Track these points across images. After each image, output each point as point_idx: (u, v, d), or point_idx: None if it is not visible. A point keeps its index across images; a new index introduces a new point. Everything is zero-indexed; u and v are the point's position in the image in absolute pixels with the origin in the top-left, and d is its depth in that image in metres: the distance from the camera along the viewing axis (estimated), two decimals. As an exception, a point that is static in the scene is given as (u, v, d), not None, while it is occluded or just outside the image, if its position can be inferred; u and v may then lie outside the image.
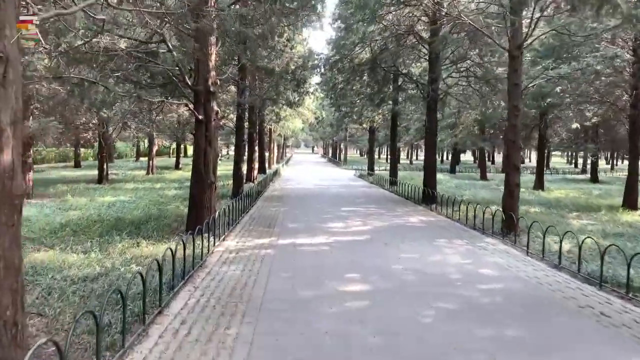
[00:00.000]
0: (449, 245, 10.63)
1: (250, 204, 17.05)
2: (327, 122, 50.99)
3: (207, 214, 11.75)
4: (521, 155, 40.87)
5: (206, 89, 11.69)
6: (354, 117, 34.07)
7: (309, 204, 18.21)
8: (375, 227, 12.91)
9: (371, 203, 18.97)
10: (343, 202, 18.89)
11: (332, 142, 76.56)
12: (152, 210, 15.92)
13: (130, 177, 30.43)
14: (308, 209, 16.47)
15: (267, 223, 13.25)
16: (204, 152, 11.78)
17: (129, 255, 9.13)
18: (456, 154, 44.21)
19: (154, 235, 11.16)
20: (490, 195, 22.83)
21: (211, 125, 11.82)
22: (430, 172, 19.76)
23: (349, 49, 20.63)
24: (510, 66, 12.23)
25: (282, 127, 39.13)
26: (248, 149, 27.21)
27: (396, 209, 17.04)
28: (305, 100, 30.51)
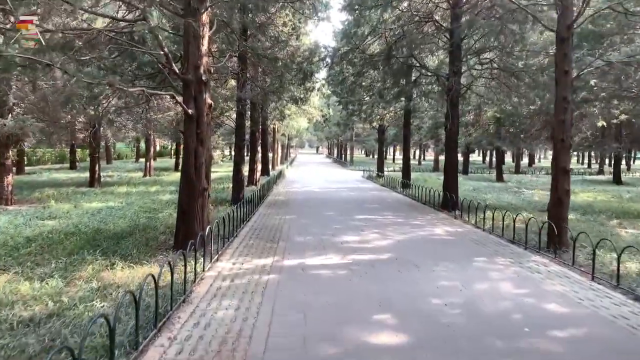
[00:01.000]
0: (492, 266, 8.70)
1: (252, 211, 15.17)
2: (333, 121, 49.03)
3: (198, 226, 9.88)
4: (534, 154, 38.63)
5: (197, 77, 9.82)
6: (362, 115, 32.13)
7: (317, 210, 16.31)
8: (396, 241, 10.98)
9: (386, 209, 17.04)
10: (355, 209, 16.98)
11: (338, 142, 74.59)
12: (141, 218, 14.08)
13: (125, 180, 28.61)
14: (316, 218, 14.56)
15: (271, 236, 11.35)
16: (195, 153, 9.89)
17: (97, 284, 7.26)
18: (467, 154, 42.17)
19: (134, 253, 9.30)
20: (515, 199, 20.86)
21: (203, 121, 9.94)
22: (452, 174, 17.81)
23: (360, 39, 18.72)
24: (558, 50, 10.28)
25: (287, 126, 37.21)
26: (250, 150, 25.33)
27: (415, 217, 15.11)
28: (311, 98, 28.61)
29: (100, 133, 24.59)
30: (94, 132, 24.04)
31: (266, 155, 32.62)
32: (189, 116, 9.81)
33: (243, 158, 17.72)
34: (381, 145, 33.55)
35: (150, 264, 8.50)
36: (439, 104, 22.39)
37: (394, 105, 28.00)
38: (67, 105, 12.54)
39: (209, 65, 10.20)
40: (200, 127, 9.91)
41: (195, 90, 9.86)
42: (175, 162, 40.06)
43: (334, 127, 55.80)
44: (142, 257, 9.03)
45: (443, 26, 17.65)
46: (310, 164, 61.34)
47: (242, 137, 17.43)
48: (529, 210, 17.44)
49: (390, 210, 16.66)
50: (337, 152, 76.87)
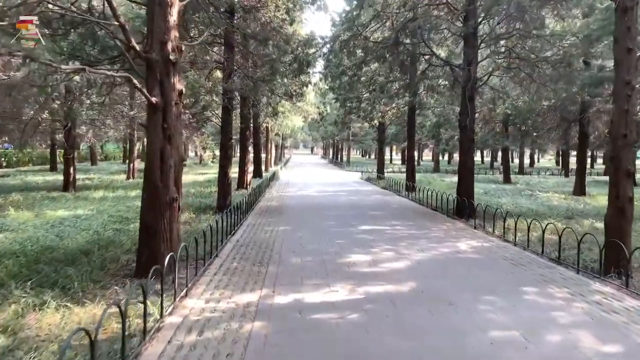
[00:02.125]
0: (549, 301, 6.58)
1: (239, 220, 13.01)
2: (330, 120, 46.88)
3: (166, 247, 7.72)
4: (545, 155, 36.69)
5: (164, 57, 7.66)
6: (361, 113, 30.04)
7: (314, 219, 14.16)
8: (416, 262, 8.85)
9: (393, 217, 14.92)
10: (358, 216, 14.85)
11: (334, 142, 72.45)
12: (107, 231, 11.91)
13: (105, 183, 26.34)
14: (314, 229, 12.41)
15: (259, 256, 9.17)
16: (161, 154, 7.72)
17: (8, 340, 5.10)
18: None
19: (82, 282, 7.11)
20: (534, 204, 18.77)
21: (171, 112, 7.78)
22: (467, 178, 15.72)
23: (363, 25, 16.60)
24: (619, 24, 8.20)
25: (280, 125, 35.04)
26: (240, 150, 23.17)
27: (429, 227, 13.00)
28: (306, 94, 26.50)
29: (74, 132, 22.29)
30: (67, 130, 21.81)
31: (258, 156, 30.44)
32: (153, 106, 7.64)
33: (230, 159, 15.54)
34: (381, 145, 31.48)
35: (96, 302, 6.32)
36: (449, 99, 20.31)
37: (396, 102, 25.95)
38: (10, 95, 10.31)
39: (180, 43, 8.03)
40: (168, 120, 7.74)
41: (161, 72, 7.70)
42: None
43: (330, 126, 53.70)
44: (90, 290, 6.87)
45: (457, 9, 15.56)
46: (305, 165, 59.14)
47: (228, 135, 15.25)
48: (554, 217, 15.38)
49: (399, 219, 14.53)
50: (333, 153, 74.76)
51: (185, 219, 13.93)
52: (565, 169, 40.65)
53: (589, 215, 16.05)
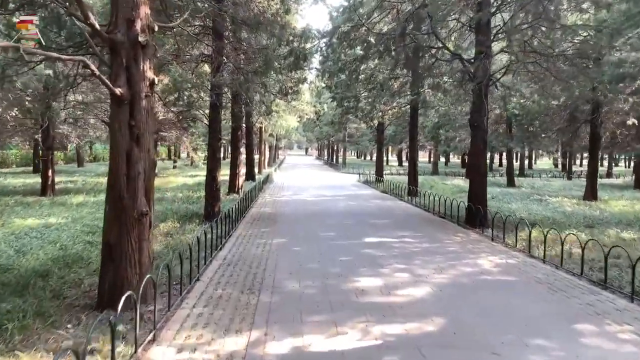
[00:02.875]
0: (616, 347, 5.18)
1: (229, 231, 11.54)
2: (325, 120, 45.46)
3: (133, 273, 6.28)
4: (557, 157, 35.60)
5: (131, 38, 6.21)
6: (358, 113, 28.65)
7: (312, 229, 12.71)
8: (436, 286, 7.42)
9: (399, 226, 13.50)
10: (360, 226, 13.42)
11: (329, 143, 71.03)
12: (76, 244, 10.44)
13: (87, 187, 24.75)
14: (313, 242, 10.96)
15: (249, 280, 7.70)
16: (127, 158, 6.26)
17: None
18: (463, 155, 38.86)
19: (23, 320, 5.64)
20: (547, 210, 17.42)
21: (140, 106, 6.32)
22: (479, 182, 14.33)
23: (365, 15, 15.20)
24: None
25: (274, 125, 33.57)
26: (231, 151, 21.70)
27: (441, 239, 11.60)
28: (302, 92, 25.08)
29: (53, 132, 20.72)
30: (44, 130, 20.25)
31: (251, 158, 28.96)
32: (118, 98, 6.18)
33: (219, 162, 14.06)
34: (380, 147, 30.07)
35: (40, 348, 4.85)
36: (455, 97, 18.91)
37: (397, 101, 24.57)
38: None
39: (152, 22, 6.56)
40: (136, 116, 6.28)
41: (128, 57, 6.25)
42: (151, 165, 36.11)
43: (325, 126, 52.31)
44: (35, 330, 5.41)
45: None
46: (300, 167, 57.70)
47: (217, 136, 13.77)
48: (573, 225, 14.04)
49: (405, 228, 13.11)
50: (328, 154, 73.32)
51: (167, 229, 12.46)
52: (568, 172, 39.49)
53: (610, 223, 14.75)
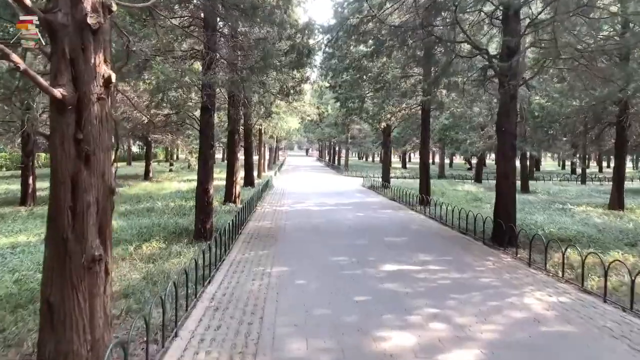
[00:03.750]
0: None
1: (220, 256, 9.82)
2: (327, 122, 43.76)
3: (81, 342, 4.60)
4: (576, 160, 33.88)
5: (77, 20, 4.50)
6: (363, 114, 26.92)
7: (318, 253, 10.95)
8: (486, 344, 5.69)
9: (419, 245, 11.78)
10: (374, 246, 11.69)
11: (330, 145, 69.24)
12: (37, 277, 8.69)
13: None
14: (320, 272, 9.21)
15: (241, 337, 5.92)
16: (73, 185, 4.54)
17: None
18: (481, 160, 37.11)
19: None
20: (576, 223, 15.64)
21: (91, 115, 4.59)
22: (508, 194, 12.59)
23: (375, 5, 13.47)
24: None
25: (275, 127, 31.84)
26: (228, 156, 19.98)
27: (471, 263, 9.90)
28: (304, 92, 23.35)
29: (33, 136, 18.98)
30: (25, 134, 18.51)
31: (250, 162, 27.22)
32: (58, 102, 4.46)
33: (211, 171, 12.32)
34: (387, 150, 28.32)
35: None
36: (472, 97, 17.17)
37: (407, 102, 22.86)
38: None
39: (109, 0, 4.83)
40: (85, 126, 4.55)
41: (73, 45, 4.53)
42: (145, 170, 34.41)
43: (327, 128, 50.60)
44: None
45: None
46: (301, 169, 55.95)
47: (208, 141, 12.03)
48: (613, 244, 12.31)
49: (427, 249, 11.37)
50: (330, 156, 71.54)
51: (151, 251, 10.75)
52: (582, 176, 37.79)
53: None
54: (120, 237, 12.03)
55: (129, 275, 8.99)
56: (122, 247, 11.09)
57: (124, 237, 12.09)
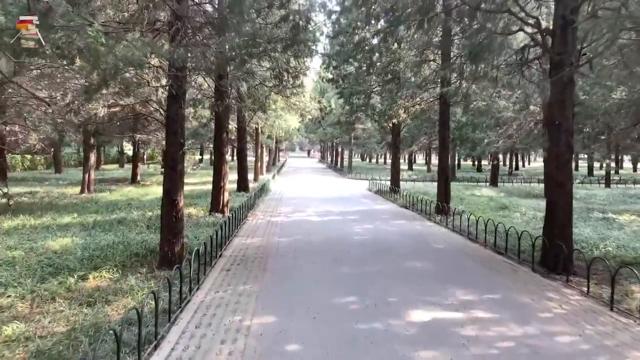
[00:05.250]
0: None
1: (182, 298, 7.07)
2: (330, 120, 40.89)
3: None
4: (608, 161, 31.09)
5: None
6: (369, 111, 24.20)
7: (319, 290, 8.16)
8: None
9: (450, 274, 9.00)
10: (393, 278, 8.91)
11: (333, 145, 66.39)
12: None
13: (45, 201, 20.28)
14: (323, 327, 6.42)
15: None
16: None
17: None
18: (497, 162, 34.23)
19: None
20: (633, 238, 12.85)
21: None
22: (563, 206, 9.79)
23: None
24: None
25: (272, 126, 29.06)
26: (214, 158, 17.23)
27: (530, 306, 7.14)
28: (303, 84, 20.63)
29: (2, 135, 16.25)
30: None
31: (244, 165, 24.44)
32: None
33: (180, 177, 9.53)
34: (396, 150, 25.49)
35: None
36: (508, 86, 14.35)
37: (420, 95, 20.12)
38: None
39: None
40: None
41: None
42: (132, 172, 31.66)
43: (329, 128, 47.82)
44: None
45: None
46: (301, 171, 53.12)
47: (177, 139, 9.26)
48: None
49: (462, 281, 8.59)
50: (332, 157, 68.69)
51: (97, 285, 8.02)
52: (606, 178, 35.01)
53: None
54: (63, 263, 9.28)
55: (49, 328, 6.29)
56: (60, 278, 8.36)
57: (69, 262, 9.34)
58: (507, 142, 26.57)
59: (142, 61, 7.31)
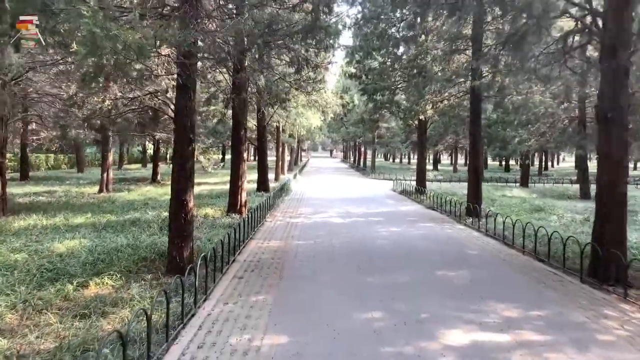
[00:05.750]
0: None
1: (186, 312, 6.28)
2: (352, 119, 39.95)
3: None
4: None
5: None
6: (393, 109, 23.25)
7: (341, 304, 7.25)
8: None
9: (491, 289, 8.00)
10: (425, 291, 7.95)
11: (355, 145, 65.34)
12: None
13: (63, 200, 19.91)
14: (344, 354, 5.57)
15: None
16: None
17: None
18: (527, 162, 32.73)
19: None
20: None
21: None
22: (615, 212, 8.69)
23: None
24: None
25: (293, 124, 28.27)
26: (232, 157, 16.50)
27: (587, 327, 6.13)
28: (324, 81, 19.80)
29: (3, 132, 15.80)
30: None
31: (265, 164, 23.69)
32: None
33: (189, 176, 8.74)
34: (422, 149, 24.41)
35: None
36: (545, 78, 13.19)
37: (448, 91, 19.05)
38: None
39: None
40: None
41: None
42: (153, 171, 31.29)
43: (352, 127, 46.85)
44: None
45: None
46: (323, 171, 52.27)
47: (187, 134, 8.48)
48: None
49: (504, 293, 7.59)
50: (355, 157, 67.63)
51: (97, 293, 7.31)
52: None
53: None
54: (65, 267, 8.61)
55: (35, 345, 5.56)
56: (58, 285, 7.67)
57: (71, 267, 8.66)
58: (539, 140, 25.22)
59: (143, 45, 6.55)
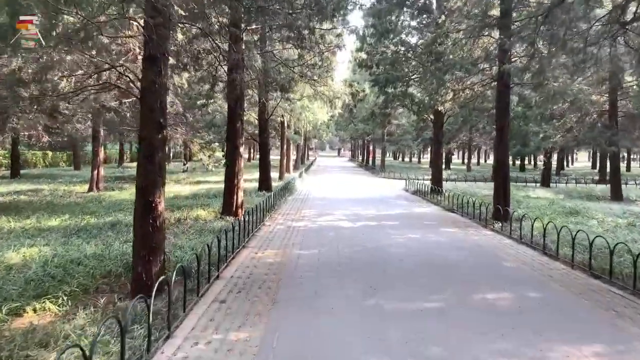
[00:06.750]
0: None
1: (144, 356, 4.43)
2: (360, 115, 37.99)
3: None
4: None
5: None
6: (407, 102, 21.45)
7: (354, 349, 5.45)
8: None
9: (548, 320, 6.09)
10: (465, 326, 6.04)
11: (364, 143, 63.34)
12: None
13: (47, 199, 18.23)
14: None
15: None
16: None
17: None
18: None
19: None
20: None
21: None
22: None
23: None
24: None
25: (298, 119, 26.41)
26: (227, 153, 14.68)
27: None
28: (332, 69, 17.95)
29: None
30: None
31: (267, 161, 21.86)
32: None
33: (158, 171, 6.87)
34: (438, 146, 22.40)
35: None
36: (588, 61, 11.25)
37: (470, 79, 17.13)
38: None
39: None
40: None
41: None
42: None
43: (360, 124, 44.92)
44: None
45: None
46: (331, 170, 50.33)
47: (155, 118, 6.64)
48: None
49: (565, 326, 5.68)
50: (363, 155, 65.64)
51: (26, 325, 5.49)
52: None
53: None
54: (3, 286, 6.81)
55: None
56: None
57: (12, 285, 6.86)
58: (566, 136, 23.18)
59: None
